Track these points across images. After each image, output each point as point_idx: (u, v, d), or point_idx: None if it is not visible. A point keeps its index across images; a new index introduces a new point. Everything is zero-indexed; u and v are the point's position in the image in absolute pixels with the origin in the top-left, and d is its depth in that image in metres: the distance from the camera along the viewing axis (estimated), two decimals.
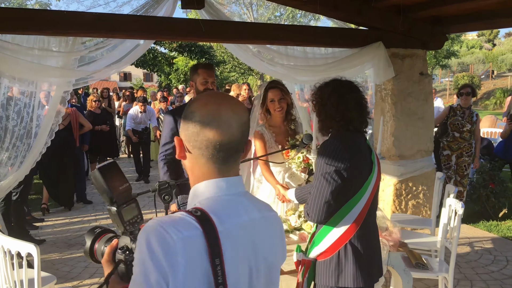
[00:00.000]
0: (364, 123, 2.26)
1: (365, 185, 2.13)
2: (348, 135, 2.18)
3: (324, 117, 2.23)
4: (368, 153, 2.20)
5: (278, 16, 20.53)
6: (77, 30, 3.74)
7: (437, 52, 24.60)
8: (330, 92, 2.21)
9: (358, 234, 2.13)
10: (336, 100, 2.18)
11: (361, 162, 2.13)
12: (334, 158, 2.07)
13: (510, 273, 4.40)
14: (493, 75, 33.50)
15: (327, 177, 2.06)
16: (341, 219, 2.12)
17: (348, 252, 2.12)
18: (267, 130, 3.50)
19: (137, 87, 23.58)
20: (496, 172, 6.11)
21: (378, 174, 2.22)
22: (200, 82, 3.40)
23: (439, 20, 5.03)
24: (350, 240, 2.12)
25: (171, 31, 4.11)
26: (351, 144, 2.13)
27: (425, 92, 5.26)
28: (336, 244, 2.14)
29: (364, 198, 2.13)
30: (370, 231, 2.20)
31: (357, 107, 2.20)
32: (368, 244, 2.17)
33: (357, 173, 2.10)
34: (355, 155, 2.10)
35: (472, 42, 48.38)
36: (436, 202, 4.38)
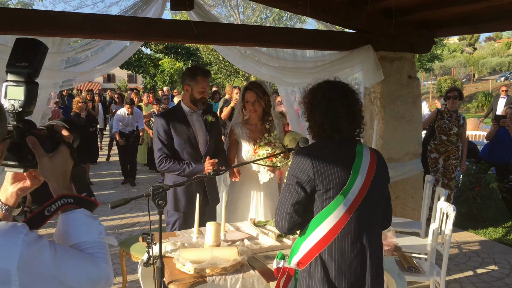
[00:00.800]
0: (354, 132, 2.12)
1: (338, 198, 1.96)
2: (325, 145, 2.07)
3: (313, 124, 2.13)
4: (349, 163, 2.01)
5: (264, 18, 20.52)
6: (64, 31, 3.66)
7: (421, 55, 24.90)
8: (320, 97, 2.09)
9: (331, 249, 1.98)
10: (326, 106, 2.06)
11: (331, 174, 1.97)
12: (297, 170, 2.00)
13: (498, 275, 4.44)
14: (474, 79, 34.10)
15: (290, 189, 2.00)
16: (313, 230, 2.00)
17: (318, 266, 1.99)
18: (242, 127, 3.68)
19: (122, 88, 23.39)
20: (482, 174, 6.18)
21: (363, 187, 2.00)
22: (198, 90, 3.43)
23: (427, 23, 5.07)
24: (320, 253, 1.99)
25: (160, 32, 4.05)
26: (322, 155, 2.00)
27: (413, 95, 5.29)
28: (308, 256, 2.03)
29: (339, 212, 1.96)
30: (347, 248, 1.98)
31: (349, 115, 2.06)
32: (341, 262, 1.97)
33: (325, 186, 1.96)
34: (323, 167, 1.97)
35: (453, 46, 49.26)
36: (426, 204, 4.40)
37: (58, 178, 1.22)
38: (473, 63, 37.78)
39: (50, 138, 1.24)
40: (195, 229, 2.91)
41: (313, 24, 29.63)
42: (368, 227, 2.04)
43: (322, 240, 1.98)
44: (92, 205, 1.25)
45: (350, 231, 1.99)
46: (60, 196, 1.19)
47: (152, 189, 2.06)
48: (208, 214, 3.53)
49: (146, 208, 7.21)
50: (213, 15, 4.54)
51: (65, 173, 1.24)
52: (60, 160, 1.23)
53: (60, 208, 1.18)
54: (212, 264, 2.40)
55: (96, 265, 1.14)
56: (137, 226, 6.16)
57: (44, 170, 1.21)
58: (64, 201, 1.19)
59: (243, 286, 2.40)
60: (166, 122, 3.42)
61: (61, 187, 1.22)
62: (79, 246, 1.17)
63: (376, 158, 2.09)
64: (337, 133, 2.06)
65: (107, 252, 1.21)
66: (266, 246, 2.84)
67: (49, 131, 1.27)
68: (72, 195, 1.21)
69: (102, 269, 1.16)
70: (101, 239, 1.21)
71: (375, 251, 2.05)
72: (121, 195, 7.98)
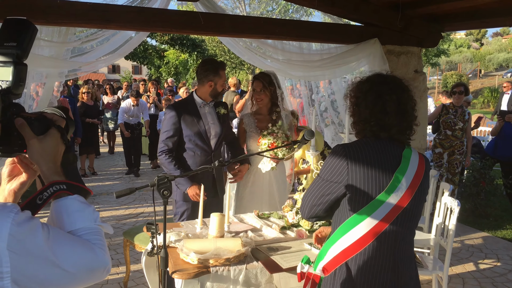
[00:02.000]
0: (404, 132, 1.88)
1: (373, 204, 1.79)
2: (366, 144, 1.87)
3: (358, 119, 1.93)
4: (393, 168, 1.82)
5: (270, 10, 20.44)
6: (70, 20, 3.65)
7: (428, 50, 24.76)
8: (367, 90, 1.89)
9: (359, 259, 1.81)
10: (373, 100, 1.86)
11: (369, 178, 1.80)
12: (330, 169, 1.87)
13: (501, 271, 4.44)
14: (480, 74, 33.87)
15: (321, 183, 1.90)
16: (342, 235, 1.85)
17: (342, 275, 1.84)
18: (251, 116, 3.78)
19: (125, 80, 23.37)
20: (487, 170, 6.15)
21: (406, 195, 1.80)
22: (220, 83, 3.52)
23: (435, 18, 5.02)
24: (347, 262, 1.83)
25: (166, 23, 4.03)
26: (361, 155, 1.83)
27: (420, 89, 5.25)
28: (333, 262, 1.87)
29: (372, 219, 1.79)
30: (378, 261, 1.81)
31: (399, 112, 1.84)
32: (369, 275, 1.81)
33: (359, 190, 1.81)
34: (360, 170, 1.81)
35: (460, 41, 48.85)
36: (430, 199, 4.39)
37: (49, 162, 1.15)
38: (479, 59, 37.49)
39: (39, 120, 1.18)
40: (199, 220, 2.92)
41: (319, 17, 29.47)
42: (404, 241, 1.85)
43: (351, 248, 1.82)
44: (85, 192, 1.19)
45: (385, 243, 1.81)
46: (51, 183, 1.13)
47: (157, 179, 2.06)
48: (216, 205, 3.54)
49: (149, 198, 7.29)
50: (220, 7, 4.53)
51: (56, 156, 1.18)
52: (51, 143, 1.16)
53: (52, 195, 1.12)
54: (215, 255, 2.40)
55: (94, 252, 1.09)
56: (140, 217, 6.19)
57: (33, 153, 1.15)
58: (57, 188, 1.12)
59: (247, 277, 2.41)
60: (176, 114, 3.41)
61: (52, 171, 1.15)
62: (74, 233, 1.11)
63: (424, 165, 1.90)
64: (384, 130, 1.86)
65: (103, 239, 1.15)
66: (269, 238, 2.84)
67: (39, 114, 1.21)
68: (64, 181, 1.14)
69: (100, 256, 1.10)
70: (97, 225, 1.15)
71: (408, 269, 1.87)
72: (125, 185, 8.00)
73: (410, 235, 1.88)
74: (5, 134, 1.14)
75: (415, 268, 1.93)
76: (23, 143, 1.16)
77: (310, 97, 5.89)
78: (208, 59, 3.76)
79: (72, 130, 1.31)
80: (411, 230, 1.89)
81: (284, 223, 3.03)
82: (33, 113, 1.22)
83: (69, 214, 1.12)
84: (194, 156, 3.48)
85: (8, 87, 1.16)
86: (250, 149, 3.77)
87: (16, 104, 1.20)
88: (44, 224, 1.03)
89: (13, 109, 1.17)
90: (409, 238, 1.88)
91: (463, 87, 5.99)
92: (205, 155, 3.48)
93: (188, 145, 3.46)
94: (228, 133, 3.73)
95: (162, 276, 2.17)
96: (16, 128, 1.15)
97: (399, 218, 1.80)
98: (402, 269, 1.83)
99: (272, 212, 3.31)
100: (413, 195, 1.82)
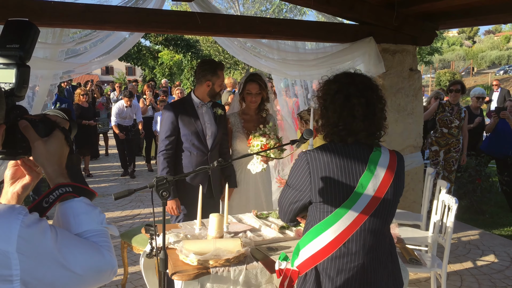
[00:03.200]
0: (373, 135, 1.84)
1: (336, 213, 1.77)
2: (332, 149, 1.82)
3: (326, 123, 1.89)
4: (358, 173, 1.79)
5: (264, 10, 20.45)
6: (64, 21, 3.62)
7: (421, 48, 24.85)
8: (335, 92, 1.84)
9: (328, 265, 1.79)
10: (341, 104, 1.81)
11: (333, 185, 1.77)
12: (295, 175, 1.86)
13: (498, 268, 4.46)
14: (473, 72, 34.07)
15: (288, 189, 1.91)
16: (312, 239, 1.82)
17: (311, 279, 1.82)
18: (238, 117, 3.77)
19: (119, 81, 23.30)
20: (482, 167, 6.18)
21: (373, 201, 1.77)
22: (218, 84, 3.52)
23: (429, 16, 5.04)
24: (316, 266, 1.81)
25: (161, 23, 4.01)
26: (325, 161, 1.79)
27: (415, 87, 5.27)
28: (304, 264, 1.85)
29: (337, 227, 1.76)
30: (347, 268, 1.78)
31: (368, 115, 1.79)
32: (338, 283, 1.78)
33: (323, 198, 1.78)
34: (324, 177, 1.78)
35: (453, 39, 49.12)
36: (427, 197, 4.40)
37: (54, 164, 1.15)
38: (472, 57, 37.69)
39: (43, 122, 1.17)
40: (198, 220, 2.91)
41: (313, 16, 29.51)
42: (374, 246, 1.82)
43: (319, 253, 1.80)
44: (90, 194, 1.19)
45: (352, 249, 1.78)
46: (57, 185, 1.12)
47: (156, 180, 2.04)
48: (212, 206, 3.54)
49: (146, 200, 7.25)
50: (215, 6, 4.51)
51: (61, 158, 1.17)
52: (55, 145, 1.16)
53: (59, 198, 1.11)
54: (215, 256, 2.39)
55: (101, 253, 1.09)
56: (137, 218, 6.17)
57: (38, 156, 1.14)
58: (62, 190, 1.11)
59: (247, 277, 2.40)
60: (173, 114, 3.44)
61: (57, 173, 1.14)
62: (81, 235, 1.10)
63: (396, 165, 1.85)
64: (351, 135, 1.82)
65: (110, 241, 1.15)
66: (269, 238, 2.83)
67: (43, 116, 1.20)
68: (70, 184, 1.14)
69: (107, 258, 1.09)
70: (103, 227, 1.15)
71: (379, 275, 1.83)
72: (120, 187, 7.97)
73: (382, 237, 1.86)
74: (10, 137, 1.13)
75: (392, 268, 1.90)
76: (27, 146, 1.14)
77: (306, 96, 5.88)
78: (206, 59, 3.77)
79: (75, 132, 1.31)
80: (383, 232, 1.86)
81: (283, 222, 3.02)
82: (37, 115, 1.20)
83: (76, 216, 1.12)
84: (191, 156, 3.48)
85: (12, 89, 1.15)
86: (236, 149, 3.78)
87: (20, 106, 1.19)
88: (52, 226, 1.02)
89: (16, 111, 1.16)
90: (381, 240, 1.85)
91: (460, 85, 6.01)
92: (201, 155, 3.48)
93: (185, 144, 3.47)
94: (224, 134, 3.72)
95: (162, 278, 2.16)
96: (20, 131, 1.13)
97: (367, 223, 1.78)
98: (373, 273, 1.81)
99: (271, 212, 3.31)
100: (383, 198, 1.79)
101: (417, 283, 4.09)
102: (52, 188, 1.12)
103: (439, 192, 3.87)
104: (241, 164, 3.72)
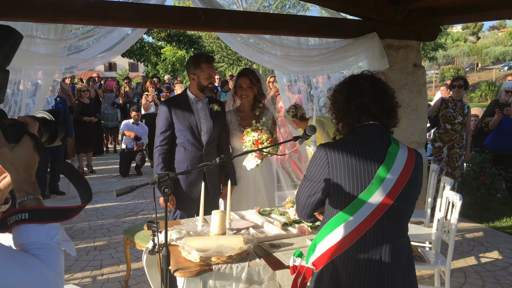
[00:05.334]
0: (387, 113, 1.85)
1: (354, 204, 1.78)
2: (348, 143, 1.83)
3: (337, 112, 1.91)
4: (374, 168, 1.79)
5: (267, 6, 20.38)
6: (66, 17, 3.61)
7: (425, 44, 24.76)
8: (342, 84, 1.93)
9: (345, 258, 1.80)
10: (348, 88, 1.88)
11: (352, 176, 1.78)
12: (313, 167, 1.87)
13: (503, 265, 4.44)
14: (477, 68, 33.90)
15: (306, 183, 1.91)
16: (329, 232, 1.83)
17: (328, 273, 1.82)
18: (234, 113, 3.73)
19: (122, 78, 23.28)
20: (486, 164, 6.14)
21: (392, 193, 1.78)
22: (204, 77, 3.43)
23: (433, 11, 5.00)
24: (332, 260, 1.82)
25: (163, 19, 3.99)
26: (343, 152, 1.80)
27: (419, 83, 5.24)
28: (321, 259, 1.86)
29: (355, 219, 1.77)
30: (365, 261, 1.79)
31: (376, 92, 1.84)
32: (355, 275, 1.79)
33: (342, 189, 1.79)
34: (343, 167, 1.79)
35: (457, 35, 48.85)
36: (430, 194, 4.37)
37: (19, 170, 1.14)
38: (476, 52, 37.50)
39: (12, 127, 1.17)
40: (200, 217, 2.90)
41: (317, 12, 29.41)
42: (392, 240, 1.82)
43: (337, 246, 1.80)
44: (58, 213, 1.14)
45: (370, 242, 1.79)
46: (15, 210, 1.10)
47: (158, 177, 2.04)
48: (210, 204, 3.49)
49: (148, 196, 7.25)
50: (217, 2, 4.49)
51: (28, 165, 1.16)
52: (22, 152, 1.15)
53: (13, 225, 1.09)
54: (218, 253, 2.38)
55: (37, 269, 1.03)
56: (140, 215, 6.17)
57: (3, 161, 1.14)
58: (19, 217, 1.08)
59: (249, 274, 2.39)
60: (168, 109, 3.44)
61: (21, 179, 1.14)
62: (25, 246, 1.08)
63: (414, 161, 1.86)
64: (364, 113, 1.84)
65: (55, 257, 1.09)
66: (271, 234, 2.82)
67: (14, 121, 1.20)
68: (28, 209, 1.10)
69: (43, 274, 1.03)
70: (53, 242, 1.10)
71: (400, 269, 1.83)
72: (124, 183, 7.97)
73: (399, 231, 1.86)
74: None
75: (408, 263, 1.90)
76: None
77: (309, 92, 5.86)
78: (194, 54, 3.72)
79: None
80: (400, 226, 1.86)
81: (285, 219, 3.01)
82: (10, 119, 1.20)
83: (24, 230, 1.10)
84: (185, 151, 3.47)
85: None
86: (233, 147, 3.75)
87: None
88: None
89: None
90: (399, 234, 1.86)
91: (463, 81, 5.97)
92: (196, 151, 3.46)
93: (180, 140, 3.46)
94: (223, 130, 3.66)
95: (164, 274, 2.15)
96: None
97: (385, 216, 1.78)
98: (391, 266, 1.81)
99: (273, 209, 3.29)
100: (400, 192, 1.79)
101: (420, 280, 4.07)
102: (14, 210, 1.10)
103: (443, 189, 3.84)
104: (239, 161, 3.69)
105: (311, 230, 2.82)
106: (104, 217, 6.07)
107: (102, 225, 5.70)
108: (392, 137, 1.91)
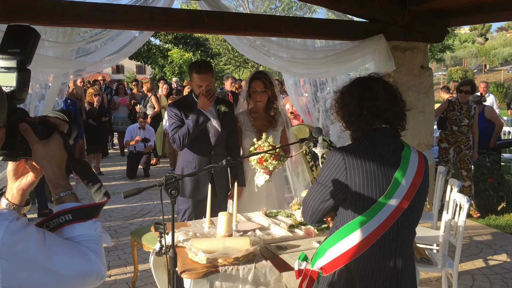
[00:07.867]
0: (399, 116, 1.85)
1: (372, 209, 1.76)
2: (363, 147, 1.81)
3: (348, 117, 1.88)
4: (393, 169, 1.78)
5: (274, 8, 20.41)
6: (74, 21, 3.65)
7: (432, 45, 24.65)
8: (351, 87, 1.88)
9: (360, 263, 1.79)
10: (360, 92, 1.84)
11: (369, 180, 1.77)
12: (328, 170, 1.82)
13: (511, 267, 4.40)
14: (485, 69, 33.68)
15: (319, 187, 1.86)
16: (342, 238, 1.81)
17: (342, 278, 1.81)
18: (247, 115, 3.74)
19: (129, 80, 23.42)
20: (494, 166, 6.10)
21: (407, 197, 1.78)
22: (195, 85, 3.44)
23: (440, 13, 4.99)
24: (347, 264, 1.80)
25: (170, 22, 4.02)
26: (357, 160, 1.78)
27: (426, 85, 5.23)
28: (333, 264, 1.84)
29: (373, 223, 1.76)
30: (380, 266, 1.79)
31: (389, 96, 1.82)
32: (370, 280, 1.79)
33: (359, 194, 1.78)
34: (357, 174, 1.77)
35: (464, 36, 48.57)
36: (438, 196, 4.35)
37: (53, 166, 1.17)
38: (484, 54, 37.27)
39: (42, 124, 1.20)
40: (207, 219, 2.91)
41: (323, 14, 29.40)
42: (405, 244, 1.83)
43: (352, 251, 1.79)
44: (95, 209, 1.20)
45: (386, 245, 1.79)
46: (58, 212, 1.14)
47: (165, 179, 2.05)
48: (218, 206, 3.50)
49: (156, 198, 7.26)
50: (224, 5, 4.51)
51: (60, 161, 1.19)
52: (54, 147, 1.18)
53: (58, 227, 1.14)
54: (224, 254, 2.39)
55: (88, 258, 1.10)
56: (147, 216, 6.19)
57: (38, 158, 1.17)
58: (62, 219, 1.14)
59: (256, 276, 2.40)
60: (177, 109, 3.46)
61: (57, 175, 1.17)
62: (72, 239, 1.13)
63: (424, 165, 1.87)
64: (378, 117, 1.82)
65: (101, 248, 1.16)
66: (278, 236, 2.83)
67: (42, 119, 1.23)
68: (70, 209, 1.15)
69: (94, 264, 1.11)
70: (96, 234, 1.17)
71: (409, 272, 1.86)
72: (131, 185, 8.01)
73: (411, 235, 1.87)
74: (10, 139, 1.16)
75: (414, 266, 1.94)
76: (27, 147, 1.17)
77: (314, 93, 5.86)
78: (193, 61, 3.69)
79: (75, 133, 1.33)
80: (413, 229, 1.88)
81: (292, 221, 3.01)
82: (37, 117, 1.23)
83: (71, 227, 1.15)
84: (194, 152, 3.48)
85: (12, 92, 1.18)
86: (246, 148, 3.69)
87: (20, 109, 1.22)
88: (40, 230, 1.04)
89: (17, 114, 1.19)
90: (410, 237, 1.87)
91: (470, 87, 5.92)
92: (204, 151, 3.47)
93: None
94: (232, 130, 3.64)
95: (171, 276, 2.16)
96: (20, 133, 1.16)
97: (399, 219, 1.78)
98: (403, 269, 1.82)
99: (280, 211, 3.30)
100: (414, 196, 1.80)
101: (428, 282, 4.06)
102: (54, 215, 1.15)
103: (450, 191, 3.82)
104: (248, 167, 3.67)
105: (318, 232, 2.82)
106: (111, 218, 6.11)
107: (109, 227, 5.73)
108: (403, 140, 1.91)
